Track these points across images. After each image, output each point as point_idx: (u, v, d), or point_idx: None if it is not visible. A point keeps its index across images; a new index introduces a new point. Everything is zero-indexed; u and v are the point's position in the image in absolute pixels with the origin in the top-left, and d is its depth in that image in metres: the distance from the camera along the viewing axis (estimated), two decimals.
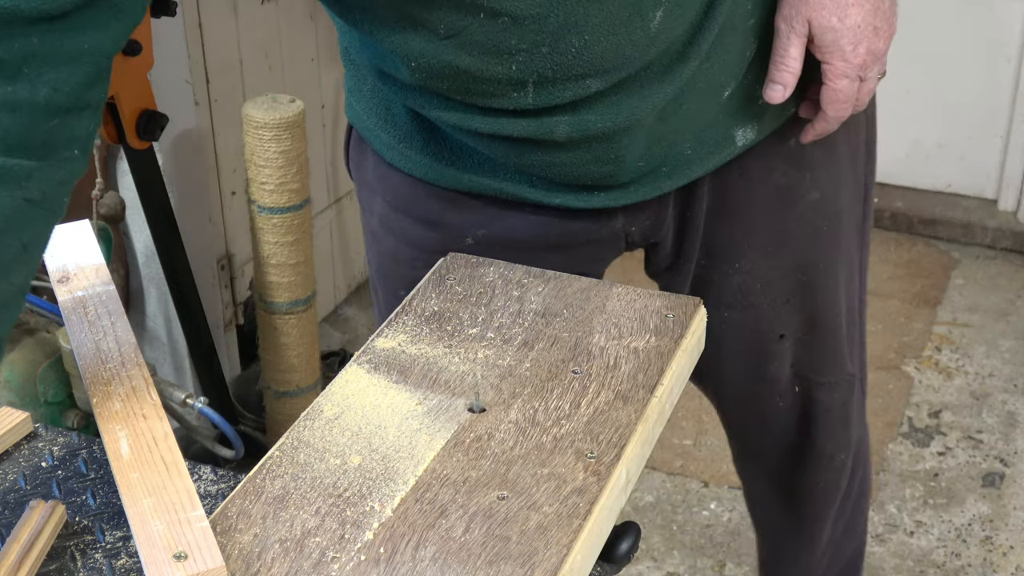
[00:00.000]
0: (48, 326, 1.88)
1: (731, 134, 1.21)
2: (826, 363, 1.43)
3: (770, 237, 1.30)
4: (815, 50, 1.14)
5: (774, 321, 1.36)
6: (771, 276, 1.32)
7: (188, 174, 2.31)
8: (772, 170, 1.26)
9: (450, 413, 0.96)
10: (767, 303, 1.35)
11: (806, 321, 1.37)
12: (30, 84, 0.88)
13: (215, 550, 0.80)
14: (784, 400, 1.45)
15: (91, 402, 0.93)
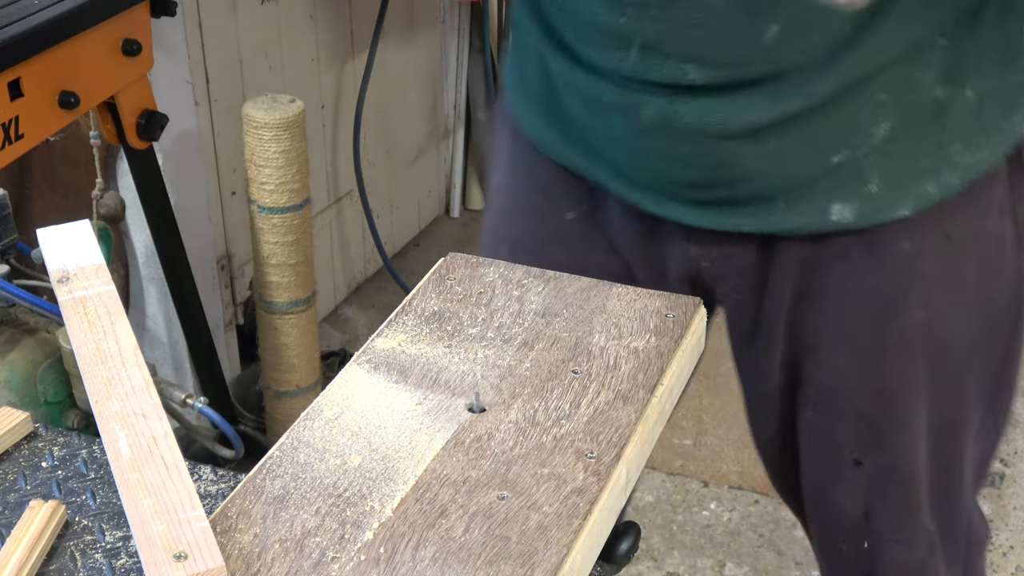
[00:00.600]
0: (48, 326, 1.88)
1: (827, 206, 1.12)
2: (901, 518, 1.27)
3: (863, 342, 1.18)
4: None
5: (852, 440, 1.23)
6: (856, 388, 1.20)
7: (188, 174, 2.31)
8: (876, 268, 1.15)
9: (450, 413, 0.96)
10: (850, 416, 1.22)
11: (887, 466, 1.23)
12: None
13: (215, 550, 0.80)
14: (849, 543, 1.31)
15: (91, 402, 0.93)
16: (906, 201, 1.11)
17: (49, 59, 1.70)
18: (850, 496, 1.27)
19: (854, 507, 1.28)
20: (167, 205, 2.12)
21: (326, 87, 2.76)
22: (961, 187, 1.12)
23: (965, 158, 1.11)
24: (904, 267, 1.14)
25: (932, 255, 1.14)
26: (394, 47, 2.97)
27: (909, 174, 1.10)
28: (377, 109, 2.96)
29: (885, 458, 1.23)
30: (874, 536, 1.28)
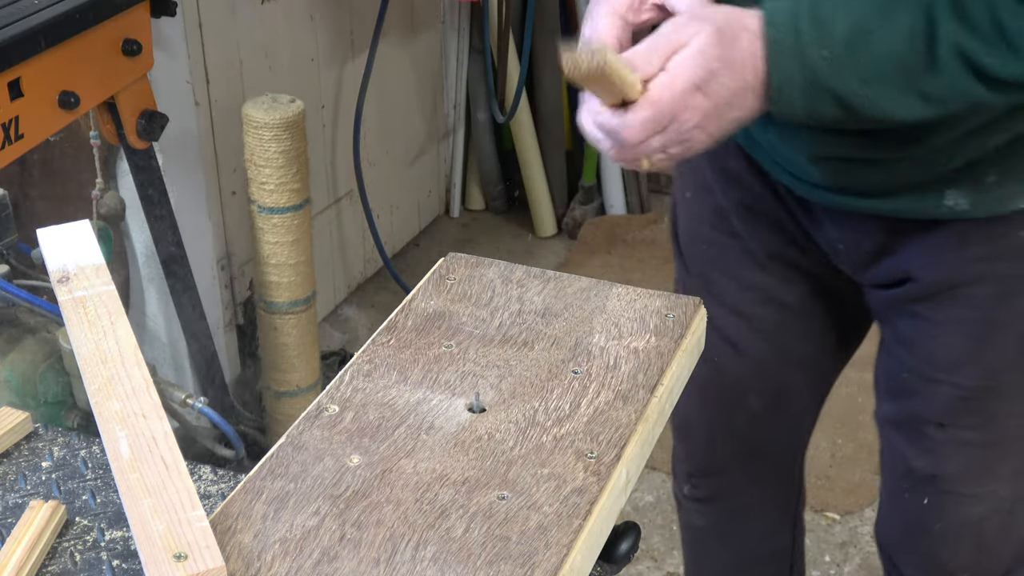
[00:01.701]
0: (48, 326, 1.88)
1: (943, 192, 1.16)
2: (974, 475, 1.32)
3: (973, 323, 1.23)
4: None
5: (944, 409, 1.29)
6: (962, 361, 1.26)
7: (188, 174, 2.31)
8: (994, 253, 1.19)
9: (450, 413, 0.96)
10: (946, 387, 1.27)
11: (974, 428, 1.29)
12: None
13: (215, 550, 0.80)
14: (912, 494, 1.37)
15: (91, 402, 0.93)
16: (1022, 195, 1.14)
17: (49, 59, 1.70)
18: (926, 454, 1.32)
19: (925, 465, 1.33)
20: (167, 205, 2.12)
21: (326, 87, 2.76)
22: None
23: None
24: (1021, 253, 1.18)
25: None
26: (394, 47, 2.97)
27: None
28: (377, 109, 2.96)
29: (971, 424, 1.28)
30: (940, 493, 1.33)
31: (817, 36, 0.97)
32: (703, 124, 1.00)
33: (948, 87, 0.98)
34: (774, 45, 0.98)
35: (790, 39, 0.98)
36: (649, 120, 0.99)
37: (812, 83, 0.98)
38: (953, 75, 0.96)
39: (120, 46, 1.84)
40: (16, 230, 1.84)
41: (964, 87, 0.97)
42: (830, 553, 2.30)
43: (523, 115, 3.20)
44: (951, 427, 1.30)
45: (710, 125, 1.00)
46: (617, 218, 3.35)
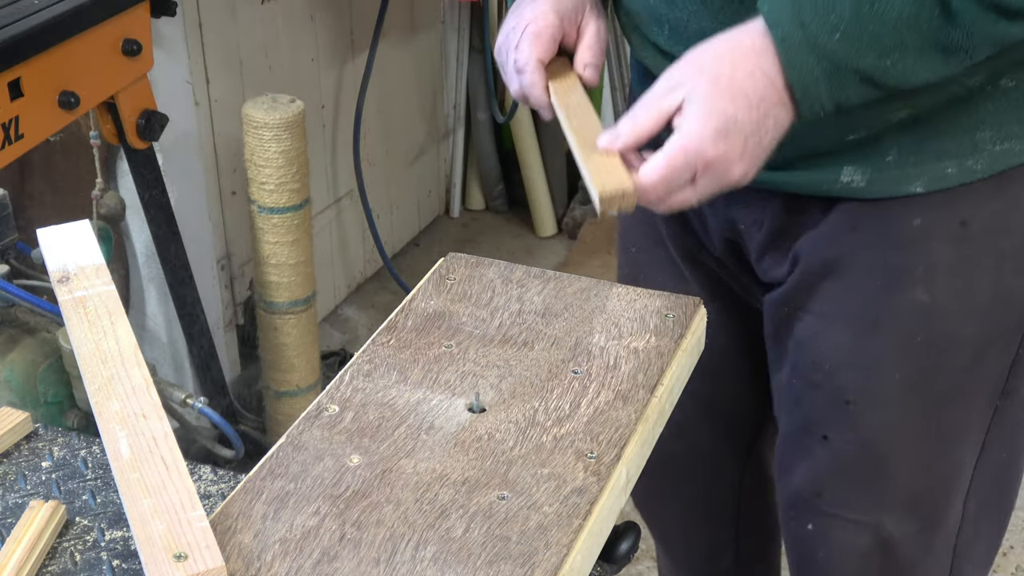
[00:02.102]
0: (48, 326, 1.88)
1: (839, 167, 1.12)
2: (857, 497, 1.24)
3: (858, 315, 1.17)
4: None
5: (826, 416, 1.22)
6: (844, 361, 1.19)
7: (188, 174, 2.31)
8: (885, 241, 1.13)
9: (450, 413, 0.96)
10: (826, 390, 1.20)
11: (856, 441, 1.21)
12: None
13: (215, 550, 0.80)
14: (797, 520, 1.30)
15: (91, 402, 0.93)
16: (921, 178, 1.10)
17: (49, 59, 1.70)
18: (808, 471, 1.26)
19: (807, 484, 1.27)
20: (167, 205, 2.12)
21: (326, 87, 2.76)
22: (984, 174, 1.09)
23: (994, 146, 1.08)
24: (911, 244, 1.12)
25: (944, 238, 1.11)
26: (394, 47, 2.97)
27: (928, 152, 1.08)
28: (377, 109, 2.96)
29: (854, 436, 1.21)
30: (822, 517, 1.27)
31: (824, 21, 0.95)
32: (743, 159, 0.99)
33: (969, 34, 0.94)
34: (783, 44, 0.96)
35: (798, 34, 0.96)
36: (662, 180, 0.99)
37: (834, 69, 0.96)
38: (973, 19, 0.93)
39: (120, 46, 1.84)
40: (16, 230, 1.84)
41: (986, 29, 0.94)
42: None
43: (523, 115, 3.20)
44: (834, 440, 1.22)
45: (749, 157, 0.99)
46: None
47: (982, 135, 1.08)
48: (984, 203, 1.11)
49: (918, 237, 1.12)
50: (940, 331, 1.15)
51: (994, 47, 0.97)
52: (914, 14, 0.93)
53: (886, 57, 0.95)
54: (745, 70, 0.98)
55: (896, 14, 0.94)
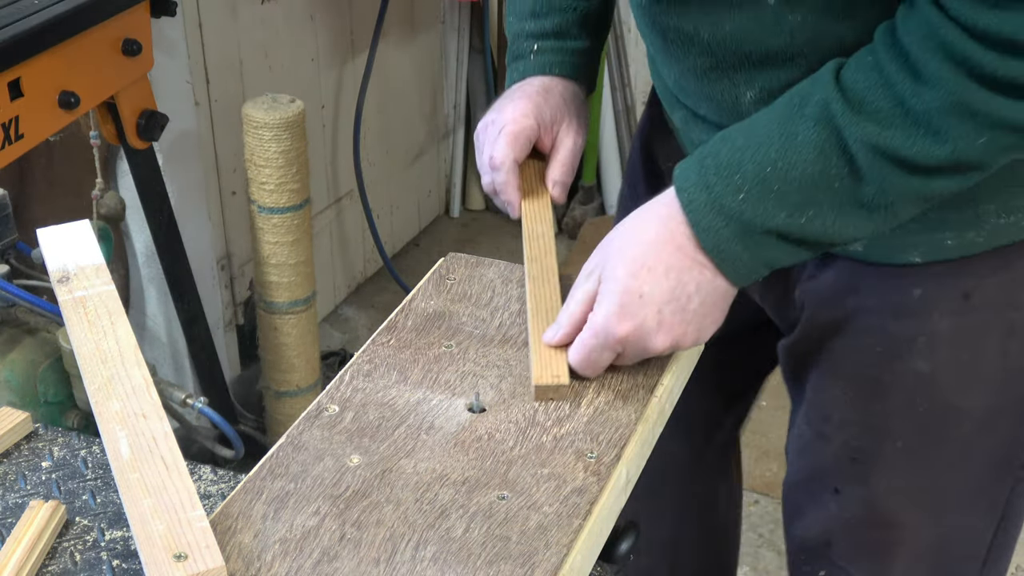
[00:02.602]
0: (48, 326, 1.88)
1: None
2: (865, 557, 1.23)
3: (861, 377, 1.15)
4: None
5: (835, 468, 1.20)
6: (850, 418, 1.17)
7: (188, 174, 2.31)
8: (885, 308, 1.11)
9: (450, 413, 0.96)
10: (836, 443, 1.19)
11: (864, 499, 1.20)
12: None
13: (215, 550, 0.80)
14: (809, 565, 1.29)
15: (91, 402, 0.93)
16: (918, 247, 1.07)
17: (49, 59, 1.70)
18: (819, 523, 1.25)
19: (818, 534, 1.26)
20: (167, 205, 2.12)
21: (326, 87, 2.76)
22: (987, 247, 1.06)
23: (998, 219, 1.05)
24: (911, 314, 1.10)
25: (945, 310, 1.09)
26: (394, 47, 2.97)
27: (927, 221, 1.03)
28: (377, 109, 2.96)
29: (861, 496, 1.20)
30: (833, 567, 1.26)
31: (728, 182, 0.94)
32: (661, 329, 0.98)
33: (883, 191, 0.91)
34: (689, 207, 0.96)
35: (702, 196, 0.95)
36: (585, 360, 1.00)
37: (743, 230, 0.94)
38: (881, 176, 0.90)
39: (120, 46, 1.84)
40: (16, 230, 1.84)
41: (899, 185, 0.91)
42: None
43: None
44: (844, 495, 1.21)
45: (668, 325, 0.98)
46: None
47: (985, 207, 1.04)
48: (988, 276, 1.08)
49: (919, 308, 1.10)
50: (942, 401, 1.13)
51: (918, 203, 0.94)
52: (820, 171, 0.92)
53: (799, 215, 0.93)
54: (654, 240, 0.98)
55: (800, 173, 0.92)
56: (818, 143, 0.91)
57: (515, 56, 1.25)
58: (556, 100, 1.20)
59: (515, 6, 1.26)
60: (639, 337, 0.98)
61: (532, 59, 1.22)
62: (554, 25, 1.22)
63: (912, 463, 1.16)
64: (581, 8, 1.23)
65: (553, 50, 1.22)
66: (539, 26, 1.23)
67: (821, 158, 0.91)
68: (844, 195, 0.92)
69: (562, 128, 1.20)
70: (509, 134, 1.16)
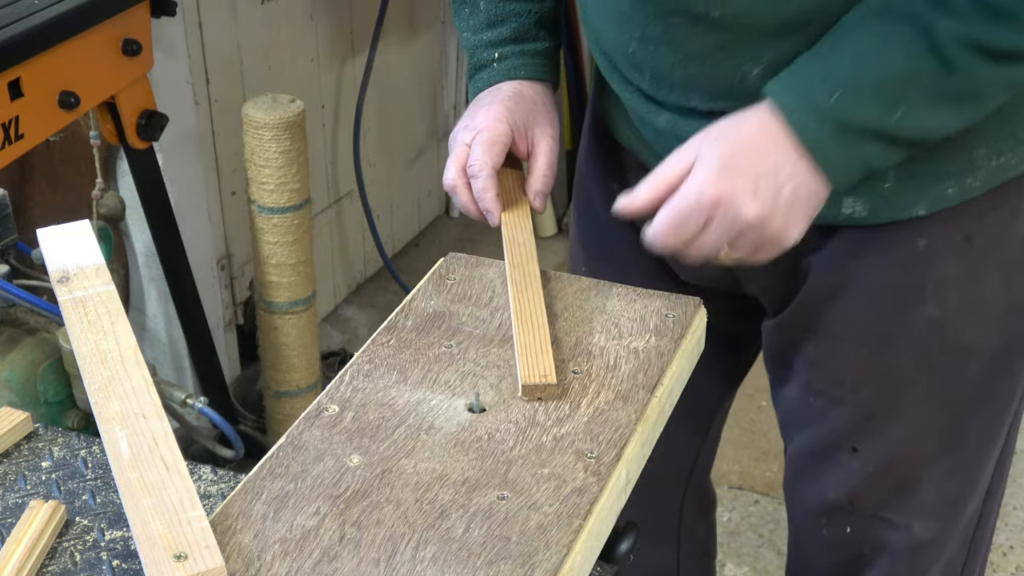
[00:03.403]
0: (48, 326, 1.87)
1: (839, 199, 1.12)
2: (893, 501, 1.27)
3: (871, 335, 1.18)
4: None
5: (852, 429, 1.24)
6: (864, 377, 1.21)
7: (188, 174, 2.31)
8: (891, 263, 1.15)
9: (450, 413, 0.96)
10: (852, 406, 1.22)
11: (885, 451, 1.24)
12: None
13: (215, 550, 0.80)
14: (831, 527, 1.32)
15: (91, 402, 0.93)
16: (922, 201, 1.11)
17: (49, 59, 1.70)
18: (840, 484, 1.28)
19: (841, 495, 1.29)
20: (167, 205, 2.12)
21: (326, 87, 2.76)
22: (983, 190, 1.11)
23: (989, 163, 1.10)
24: (918, 263, 1.14)
25: (949, 254, 1.13)
26: (394, 47, 2.97)
27: (927, 175, 1.09)
28: (377, 109, 2.96)
29: (883, 448, 1.24)
30: (860, 519, 1.29)
31: (822, 84, 0.98)
32: (756, 198, 0.99)
33: (973, 81, 0.96)
34: (785, 110, 0.99)
35: (797, 100, 0.99)
36: (672, 226, 1.01)
37: (839, 129, 0.98)
38: (971, 68, 0.95)
39: (120, 46, 1.84)
40: (16, 230, 1.84)
41: (989, 75, 0.95)
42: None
43: None
44: (863, 452, 1.24)
45: (763, 197, 1.00)
46: None
47: (978, 153, 1.09)
48: (985, 217, 1.12)
49: (924, 256, 1.14)
50: (955, 343, 1.17)
51: (1006, 91, 0.98)
52: (910, 68, 0.96)
53: (893, 112, 0.97)
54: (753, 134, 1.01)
55: (889, 71, 0.96)
56: (906, 41, 0.95)
57: (477, 67, 1.26)
58: (527, 104, 1.21)
59: (467, 21, 1.27)
60: (732, 200, 0.99)
61: (496, 67, 1.24)
62: (512, 31, 1.24)
63: (931, 407, 1.20)
64: (535, 10, 1.25)
65: (515, 55, 1.23)
66: (497, 34, 1.24)
67: (909, 55, 0.95)
68: (934, 89, 0.96)
69: (536, 132, 1.20)
70: (484, 141, 1.16)
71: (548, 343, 1.02)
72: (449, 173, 1.17)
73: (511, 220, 1.17)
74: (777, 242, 1.03)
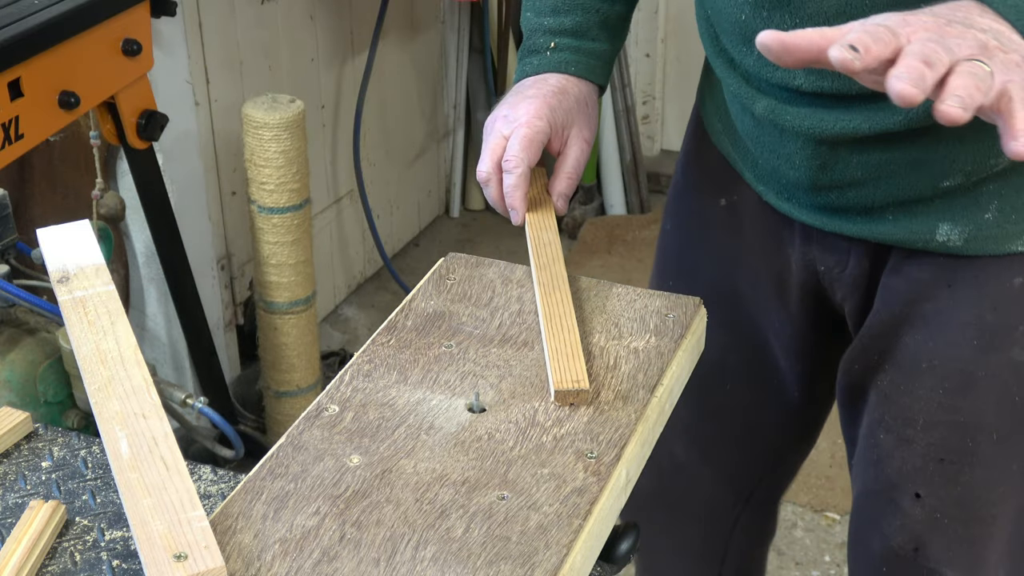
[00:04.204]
0: (48, 326, 1.88)
1: (935, 225, 1.09)
2: (958, 555, 1.21)
3: (953, 373, 1.13)
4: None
5: (919, 472, 1.18)
6: (938, 418, 1.15)
7: (188, 174, 2.31)
8: (982, 299, 1.10)
9: (450, 413, 0.96)
10: (921, 446, 1.17)
11: (954, 498, 1.18)
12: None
13: (215, 550, 0.80)
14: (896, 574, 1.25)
15: (91, 402, 0.93)
16: (1022, 237, 1.07)
17: (49, 59, 1.70)
18: (903, 530, 1.22)
19: (905, 541, 1.23)
20: (167, 205, 2.12)
21: (326, 87, 2.76)
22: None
23: None
24: (1011, 303, 1.09)
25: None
26: (394, 47, 2.97)
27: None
28: (377, 109, 2.96)
29: (950, 494, 1.18)
30: (924, 571, 1.23)
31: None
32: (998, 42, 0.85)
33: None
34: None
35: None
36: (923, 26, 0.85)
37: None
38: None
39: (120, 46, 1.84)
40: (16, 230, 1.84)
41: None
42: (830, 553, 2.30)
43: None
44: (928, 498, 1.19)
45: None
46: (617, 218, 3.35)
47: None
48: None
49: (1018, 296, 1.09)
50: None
51: None
52: None
53: None
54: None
55: None
56: None
57: (530, 50, 1.22)
58: (569, 103, 1.18)
59: (534, 1, 1.24)
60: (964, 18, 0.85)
61: (549, 55, 1.20)
62: (574, 24, 1.21)
63: (1007, 455, 1.15)
64: (603, 10, 1.22)
65: (571, 49, 1.20)
66: (559, 23, 1.21)
67: None
68: None
69: (572, 133, 1.18)
70: (523, 138, 1.13)
71: (579, 348, 1.01)
72: (483, 165, 1.14)
73: (536, 220, 1.16)
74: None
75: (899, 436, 1.18)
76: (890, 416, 1.19)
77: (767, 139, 1.15)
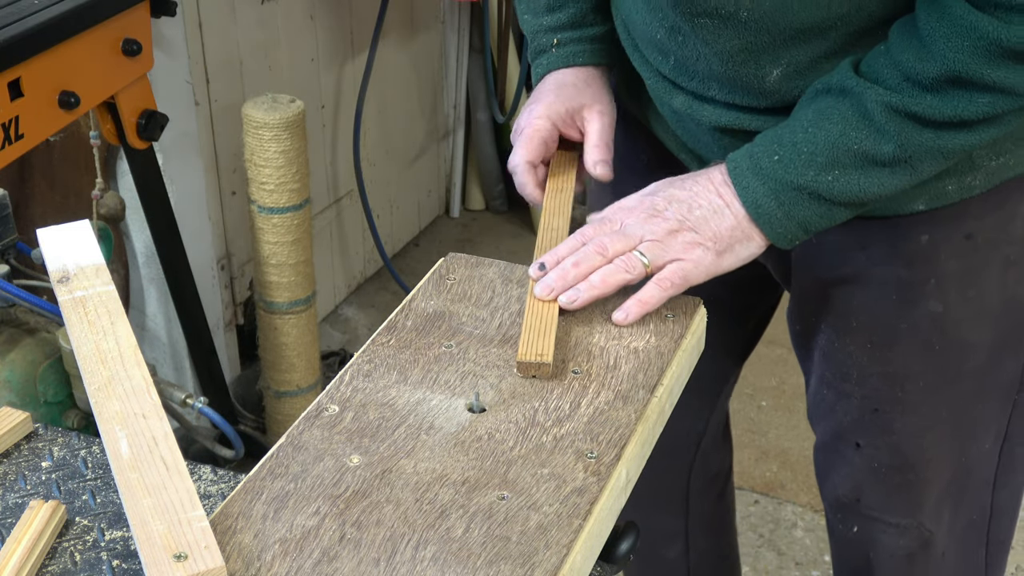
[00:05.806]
0: (48, 326, 1.87)
1: None
2: (895, 502, 1.30)
3: (879, 328, 1.21)
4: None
5: (856, 423, 1.27)
6: (870, 371, 1.24)
7: (188, 174, 2.31)
8: (895, 257, 1.18)
9: (450, 413, 0.96)
10: (856, 398, 1.26)
11: (889, 446, 1.26)
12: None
13: (215, 550, 0.80)
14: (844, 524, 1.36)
15: (91, 402, 0.93)
16: (922, 197, 1.14)
17: (49, 59, 1.70)
18: (847, 478, 1.31)
19: (848, 490, 1.32)
20: (167, 205, 2.12)
21: (326, 87, 2.76)
22: (983, 189, 1.13)
23: (990, 162, 1.12)
24: (921, 259, 1.17)
25: (950, 251, 1.16)
26: (394, 47, 2.97)
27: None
28: (377, 109, 2.96)
29: (886, 443, 1.26)
30: (866, 520, 1.32)
31: (766, 150, 1.06)
32: (672, 214, 1.08)
33: (903, 148, 1.01)
34: (734, 171, 1.07)
35: (745, 162, 1.07)
36: (595, 222, 1.08)
37: (776, 187, 1.05)
38: (900, 132, 1.00)
39: (120, 46, 1.84)
40: (16, 230, 1.84)
41: (917, 141, 1.01)
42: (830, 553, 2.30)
43: None
44: (866, 448, 1.27)
45: (683, 220, 1.07)
46: None
47: (978, 152, 1.11)
48: (986, 216, 1.15)
49: (927, 252, 1.17)
50: (956, 338, 1.20)
51: (937, 158, 1.03)
52: (842, 134, 1.02)
53: (826, 174, 1.03)
54: (699, 182, 1.10)
55: (824, 136, 1.03)
56: (840, 111, 1.03)
57: (537, 52, 1.29)
58: (568, 90, 1.24)
59: (528, 3, 1.30)
60: (649, 208, 1.09)
61: (554, 52, 1.27)
62: (570, 16, 1.27)
63: (934, 402, 1.23)
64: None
65: (573, 41, 1.27)
66: (556, 19, 1.27)
67: (843, 122, 1.02)
68: (866, 154, 1.03)
69: (584, 113, 1.23)
70: (525, 138, 1.23)
71: (553, 327, 1.03)
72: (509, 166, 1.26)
73: (551, 205, 1.21)
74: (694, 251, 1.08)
75: (838, 391, 1.27)
76: (829, 373, 1.27)
77: (686, 125, 1.24)
